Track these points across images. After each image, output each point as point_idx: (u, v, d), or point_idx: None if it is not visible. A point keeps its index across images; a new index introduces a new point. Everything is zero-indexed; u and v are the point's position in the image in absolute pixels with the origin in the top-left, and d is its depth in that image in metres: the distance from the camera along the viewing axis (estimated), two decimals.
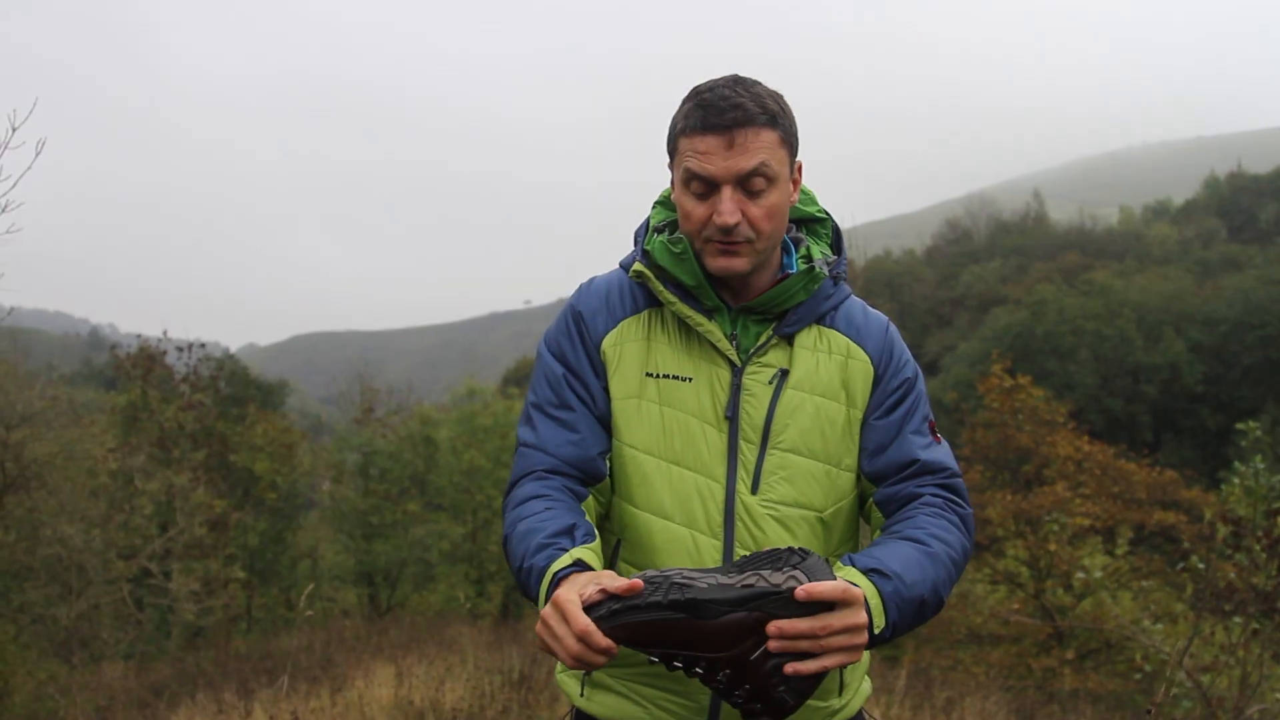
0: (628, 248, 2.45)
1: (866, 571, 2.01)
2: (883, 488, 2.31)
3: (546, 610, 1.90)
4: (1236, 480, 8.47)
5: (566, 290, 2.51)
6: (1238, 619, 7.69)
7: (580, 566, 1.99)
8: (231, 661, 12.47)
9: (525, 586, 2.11)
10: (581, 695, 2.33)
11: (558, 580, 1.99)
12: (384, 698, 8.21)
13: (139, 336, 20.43)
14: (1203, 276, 61.31)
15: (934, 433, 2.36)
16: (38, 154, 3.45)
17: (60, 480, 15.04)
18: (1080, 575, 13.56)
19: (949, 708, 9.24)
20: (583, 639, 1.82)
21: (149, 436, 18.29)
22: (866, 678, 2.41)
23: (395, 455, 20.40)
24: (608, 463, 2.26)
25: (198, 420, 19.13)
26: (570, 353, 2.36)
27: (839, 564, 2.03)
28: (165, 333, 20.38)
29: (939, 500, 2.26)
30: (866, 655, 2.39)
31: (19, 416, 14.81)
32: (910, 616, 2.07)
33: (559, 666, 2.41)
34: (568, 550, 2.05)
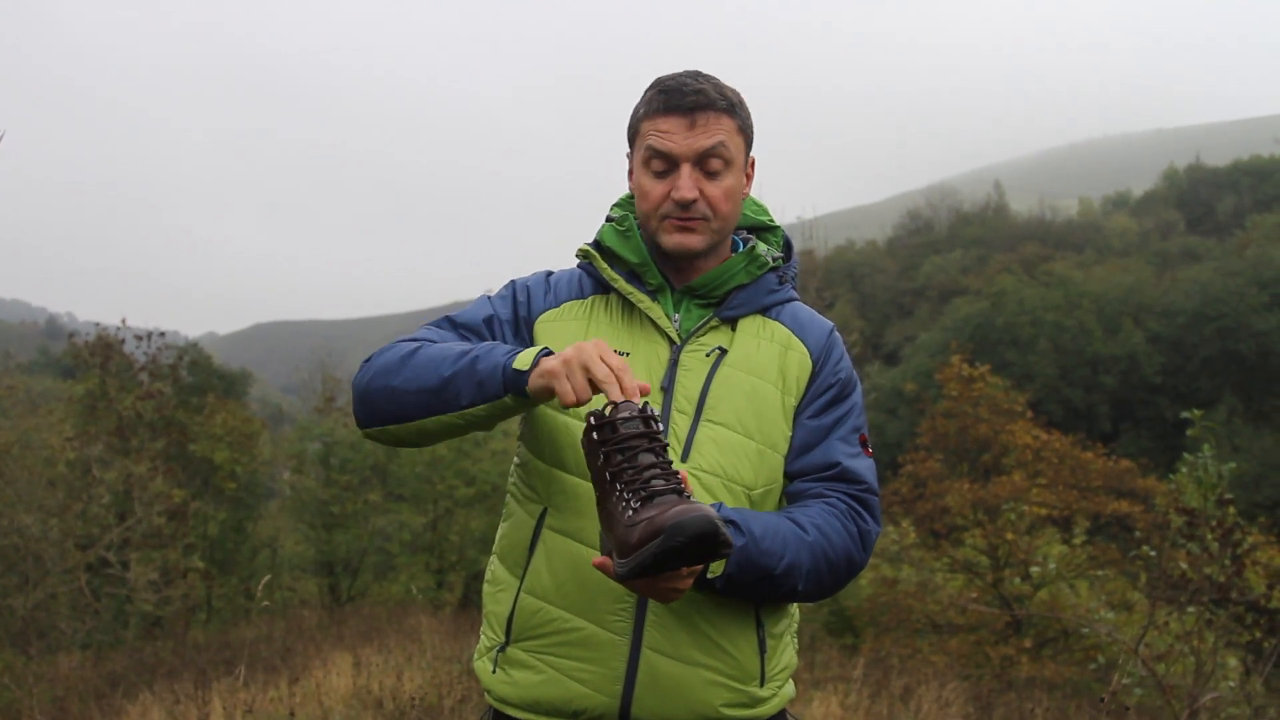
0: (587, 236, 2.50)
1: (725, 521, 2.02)
2: (797, 483, 2.33)
3: (583, 345, 2.01)
4: (1184, 470, 8.53)
5: None
6: (1191, 609, 7.77)
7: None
8: (189, 652, 12.42)
9: (473, 362, 2.15)
10: (494, 672, 2.33)
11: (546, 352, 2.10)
12: (342, 687, 8.21)
13: (97, 325, 20.21)
14: (1161, 268, 61.69)
15: (864, 445, 2.39)
16: None
17: (17, 469, 14.90)
18: (1036, 569, 13.67)
19: (906, 696, 9.32)
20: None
21: (107, 425, 18.11)
22: (791, 681, 2.42)
23: (357, 445, 20.26)
24: None
25: (157, 409, 18.97)
26: (502, 308, 2.42)
27: None
28: (124, 321, 20.12)
29: (843, 506, 2.29)
30: (794, 657, 2.43)
31: None
32: (751, 579, 2.13)
33: (476, 654, 2.44)
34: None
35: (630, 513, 1.82)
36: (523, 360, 2.08)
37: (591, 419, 1.91)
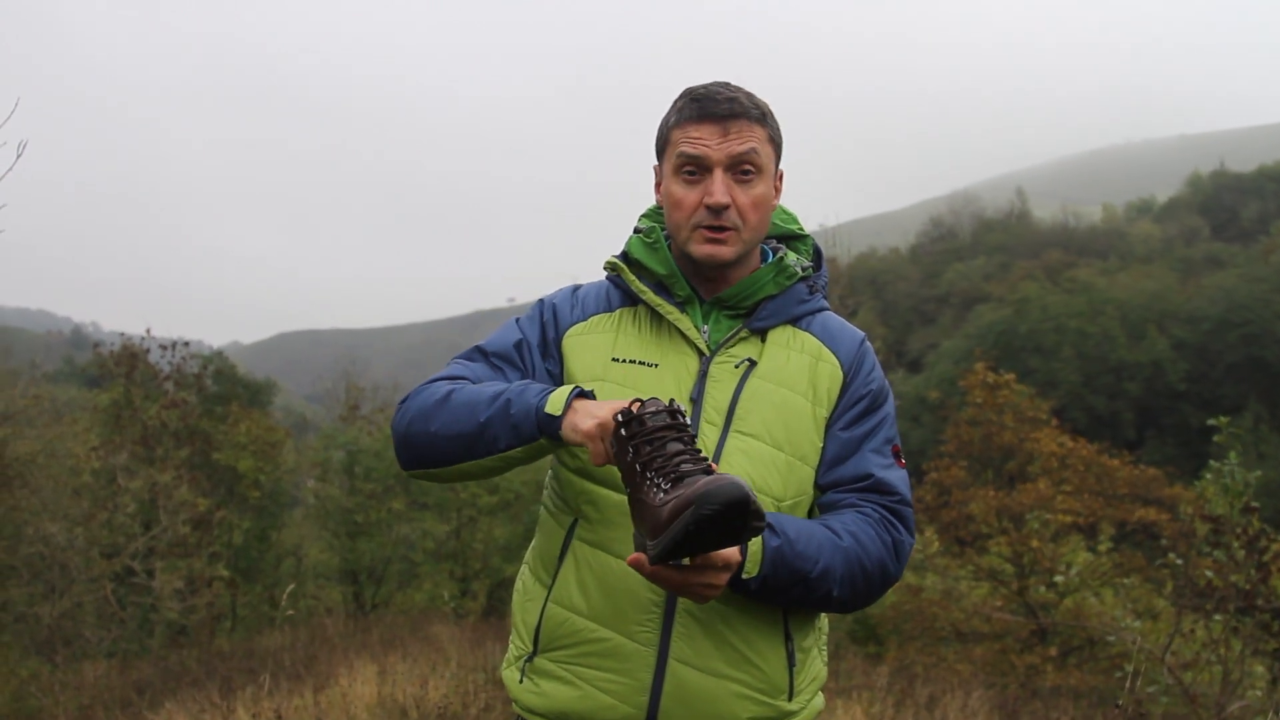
0: (611, 244, 2.50)
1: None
2: (829, 494, 2.32)
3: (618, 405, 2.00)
4: (1209, 477, 8.49)
5: (549, 288, 2.58)
6: (1218, 617, 7.73)
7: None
8: (215, 660, 12.43)
9: (506, 405, 2.16)
10: (521, 682, 2.33)
11: (579, 393, 2.13)
12: (367, 696, 8.20)
13: (122, 334, 20.32)
14: (1185, 274, 61.58)
15: (897, 457, 2.38)
16: (19, 156, 3.41)
17: (43, 478, 15.00)
18: (1061, 577, 13.60)
19: (931, 705, 9.26)
20: None
21: (132, 435, 18.19)
22: (820, 694, 2.40)
23: (380, 453, 20.29)
24: None
25: (181, 418, 19.04)
26: (530, 330, 2.42)
27: None
28: (149, 331, 20.27)
29: (877, 516, 2.27)
30: (824, 670, 2.41)
31: (1, 415, 14.78)
32: (785, 581, 2.12)
33: (504, 663, 2.44)
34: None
35: (660, 495, 1.82)
36: (554, 405, 2.09)
37: (619, 416, 1.92)
